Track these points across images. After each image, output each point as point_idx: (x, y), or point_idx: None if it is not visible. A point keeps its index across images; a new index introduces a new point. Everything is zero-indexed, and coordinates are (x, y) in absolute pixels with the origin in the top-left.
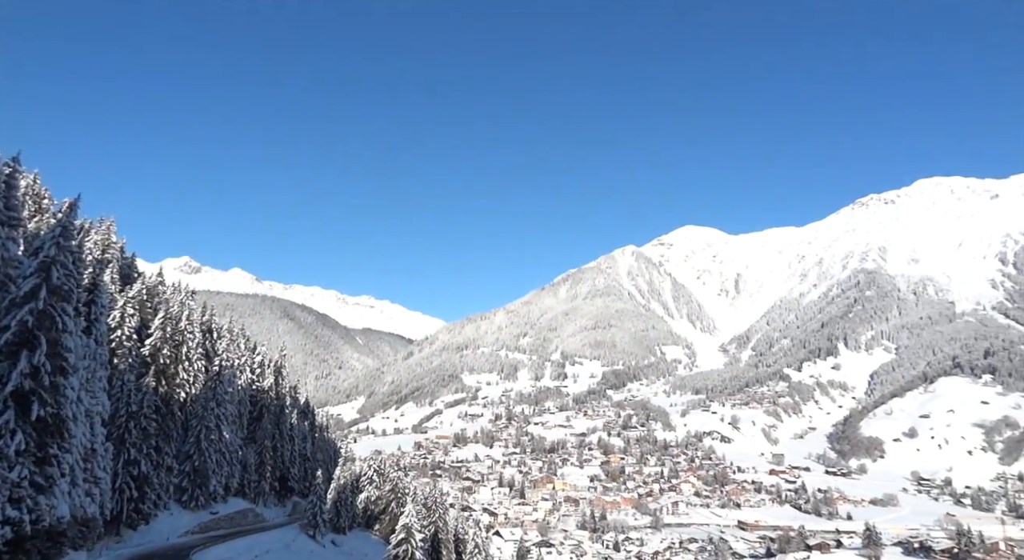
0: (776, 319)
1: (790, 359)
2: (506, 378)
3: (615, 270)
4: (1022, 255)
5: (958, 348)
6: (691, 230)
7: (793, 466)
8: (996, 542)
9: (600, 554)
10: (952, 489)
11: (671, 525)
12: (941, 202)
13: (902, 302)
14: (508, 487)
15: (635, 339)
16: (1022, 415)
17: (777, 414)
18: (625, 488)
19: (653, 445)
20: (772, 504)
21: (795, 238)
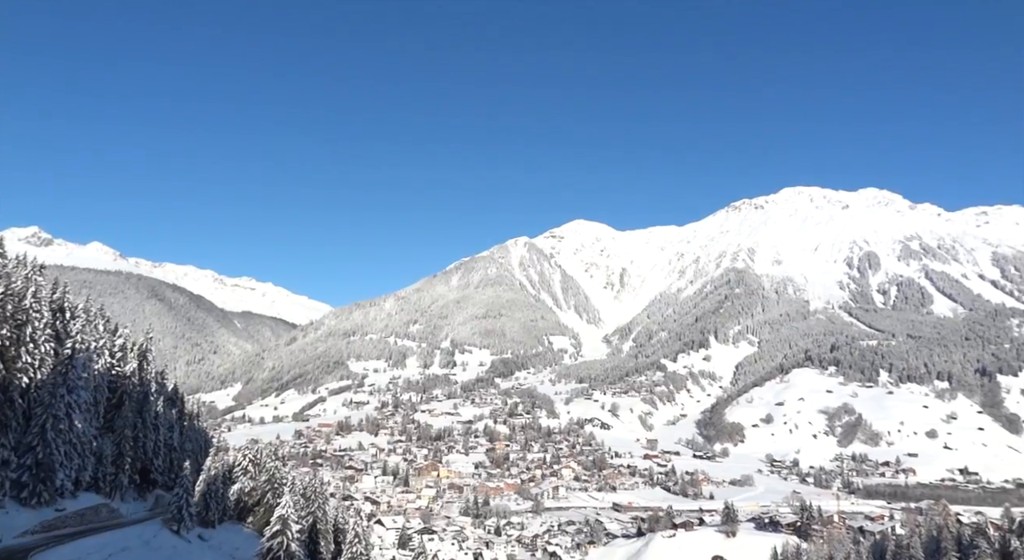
0: (656, 313)
1: (667, 350)
2: (394, 365)
3: (508, 260)
4: (864, 260)
5: (810, 342)
6: (582, 224)
7: (665, 451)
8: (831, 515)
9: (482, 539)
10: (799, 469)
11: (551, 509)
12: (802, 209)
13: (766, 300)
14: (392, 475)
15: (524, 329)
16: (858, 403)
17: (653, 402)
18: (509, 474)
19: (537, 432)
20: (645, 486)
21: (676, 237)
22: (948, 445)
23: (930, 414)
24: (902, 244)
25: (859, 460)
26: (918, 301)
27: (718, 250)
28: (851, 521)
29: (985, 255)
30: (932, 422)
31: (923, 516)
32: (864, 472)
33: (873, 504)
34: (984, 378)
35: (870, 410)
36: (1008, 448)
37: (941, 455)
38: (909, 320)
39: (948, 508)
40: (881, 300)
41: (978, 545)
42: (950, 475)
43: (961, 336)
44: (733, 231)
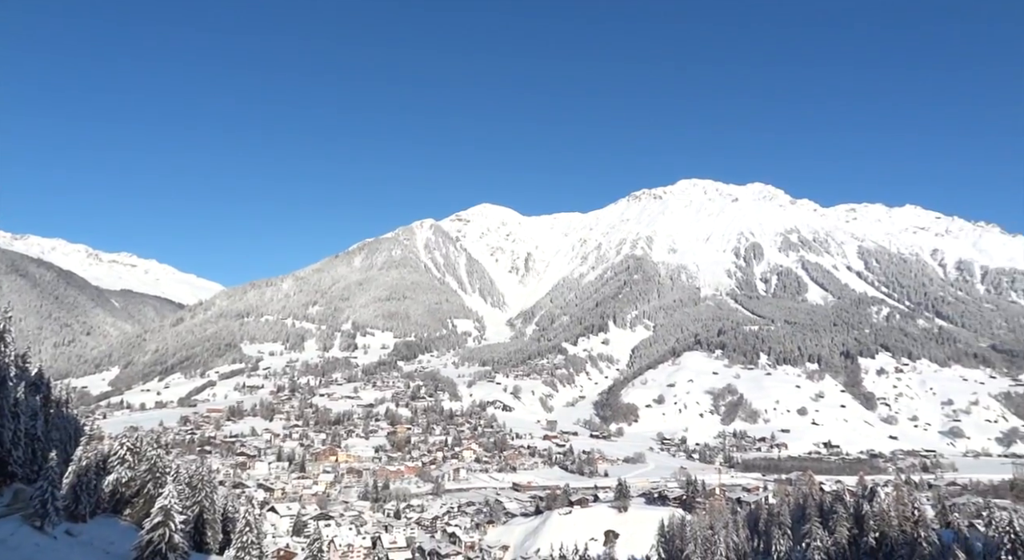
0: (559, 297)
1: (568, 334)
2: (292, 348)
3: (413, 242)
4: (750, 251)
5: (700, 327)
6: (488, 208)
7: (564, 431)
8: (714, 488)
9: (381, 523)
10: (686, 446)
11: (452, 490)
12: (696, 201)
13: (661, 286)
14: (288, 461)
15: (429, 311)
16: (740, 383)
17: (554, 384)
18: (410, 457)
19: (440, 415)
20: (544, 466)
21: (580, 223)
22: (815, 421)
23: (801, 393)
24: (783, 236)
25: (739, 436)
26: (795, 289)
27: (619, 237)
28: (731, 493)
29: (852, 248)
30: (803, 401)
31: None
32: (743, 447)
33: (750, 477)
34: (847, 360)
35: (750, 390)
36: (864, 423)
37: (809, 430)
38: (787, 307)
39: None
40: (763, 288)
41: (836, 510)
42: (816, 448)
43: (830, 322)
44: (633, 219)
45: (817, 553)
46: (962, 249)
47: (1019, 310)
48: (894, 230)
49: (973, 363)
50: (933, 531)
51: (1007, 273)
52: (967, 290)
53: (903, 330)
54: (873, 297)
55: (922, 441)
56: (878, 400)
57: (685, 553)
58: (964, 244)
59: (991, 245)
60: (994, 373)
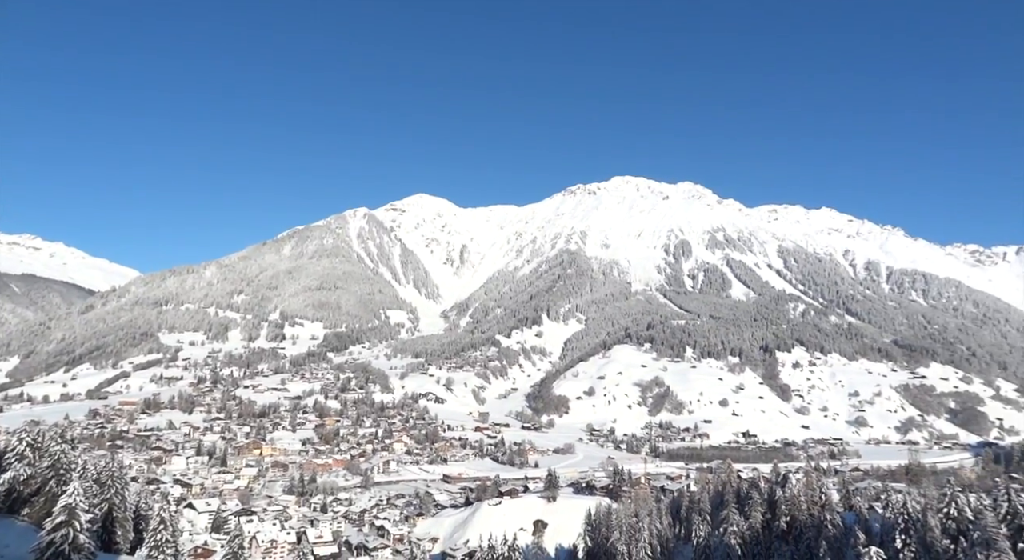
0: (493, 290)
1: (502, 326)
2: (215, 338)
3: (345, 231)
4: (679, 248)
5: (630, 321)
6: (424, 198)
7: (496, 423)
8: (639, 477)
9: (306, 517)
10: (615, 437)
11: (381, 483)
12: (629, 197)
13: (594, 280)
14: (208, 455)
15: (361, 302)
16: (667, 376)
17: (487, 376)
18: (339, 450)
19: (371, 407)
20: (475, 458)
21: (515, 216)
22: (736, 412)
23: (723, 385)
24: (710, 235)
25: (665, 427)
26: (720, 286)
27: (554, 232)
28: (655, 482)
29: (773, 248)
30: (724, 392)
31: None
32: (668, 438)
33: (674, 466)
34: (766, 354)
35: (677, 382)
36: (780, 413)
37: (730, 421)
38: (712, 302)
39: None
40: (691, 284)
41: (752, 496)
42: (736, 438)
43: (751, 317)
44: (568, 214)
45: (733, 537)
46: (870, 250)
47: (918, 308)
48: (811, 231)
49: (877, 357)
50: (838, 514)
51: (909, 274)
52: (874, 289)
53: (817, 326)
54: (791, 294)
55: (831, 430)
56: (793, 392)
57: (611, 541)
58: (872, 246)
59: (896, 247)
60: (895, 366)
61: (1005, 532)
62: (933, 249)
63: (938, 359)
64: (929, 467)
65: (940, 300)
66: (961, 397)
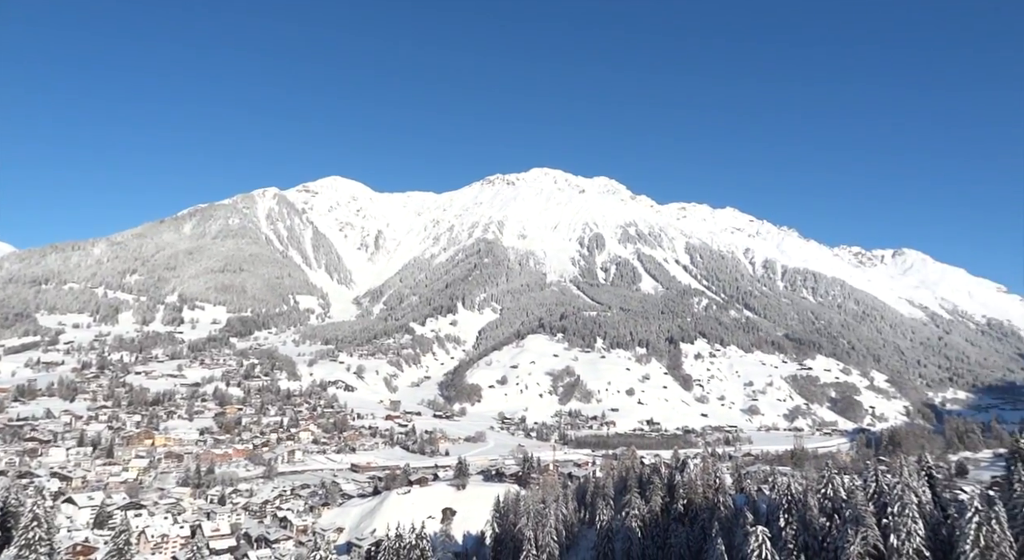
0: (409, 277)
1: (416, 314)
2: (103, 321)
3: (253, 211)
4: (593, 241)
5: (544, 312)
6: (338, 181)
7: (407, 411)
8: (548, 464)
9: (203, 510)
10: (525, 425)
11: (286, 473)
12: (547, 190)
13: (510, 270)
14: (92, 446)
15: (268, 286)
16: (578, 366)
17: (400, 364)
18: (240, 440)
19: (276, 395)
20: (385, 447)
21: (433, 203)
22: (641, 401)
23: (631, 375)
24: (623, 229)
25: (574, 416)
26: (631, 279)
27: (471, 220)
28: (563, 468)
29: (681, 244)
30: (632, 382)
31: (617, 460)
32: (577, 426)
33: (581, 453)
34: (671, 345)
35: (587, 372)
36: (682, 402)
37: (636, 409)
38: (622, 295)
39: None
40: (603, 277)
41: (653, 481)
42: (640, 426)
43: (659, 310)
44: (486, 203)
45: (635, 520)
46: (768, 250)
47: (808, 305)
48: (716, 229)
49: (771, 350)
50: (730, 496)
51: (801, 272)
52: (770, 286)
53: (718, 319)
54: (696, 289)
55: (727, 418)
56: (694, 382)
57: (518, 527)
58: (770, 245)
59: (790, 247)
60: (786, 358)
61: (872, 509)
62: (822, 250)
63: (823, 352)
64: (811, 451)
65: (827, 298)
66: (841, 387)
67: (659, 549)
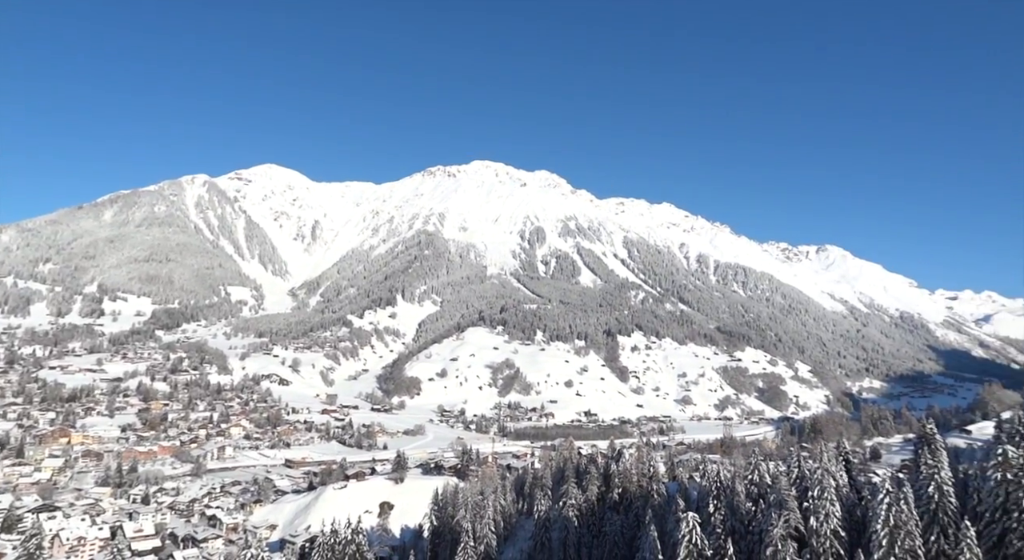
0: (347, 268)
1: (354, 307)
2: (12, 312)
3: (181, 199)
4: (534, 234)
5: (485, 304)
6: (273, 169)
7: (344, 405)
8: (487, 456)
9: (124, 510)
10: (465, 418)
11: (215, 470)
12: (488, 182)
13: (451, 263)
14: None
15: (198, 277)
16: (518, 358)
17: (337, 357)
18: (166, 436)
19: (205, 389)
20: (321, 441)
21: (373, 194)
22: (580, 393)
23: (570, 367)
24: (563, 223)
25: (514, 408)
26: (570, 272)
27: (412, 212)
28: (502, 460)
29: (619, 238)
30: (570, 374)
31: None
32: (517, 418)
33: (520, 444)
34: (609, 338)
35: (527, 364)
36: (619, 394)
37: (574, 401)
38: (562, 288)
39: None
40: (544, 270)
41: (590, 471)
42: (579, 417)
43: (597, 303)
44: (427, 195)
45: (571, 510)
46: (702, 245)
47: (738, 299)
48: (653, 224)
49: (703, 342)
50: (663, 484)
51: (732, 267)
52: (703, 280)
53: (654, 312)
54: (633, 282)
55: (662, 408)
56: (631, 373)
57: (456, 519)
58: (704, 240)
59: (723, 243)
60: (717, 350)
61: (794, 493)
62: (752, 246)
63: (752, 344)
64: (740, 440)
65: (756, 291)
66: (768, 377)
67: (594, 537)
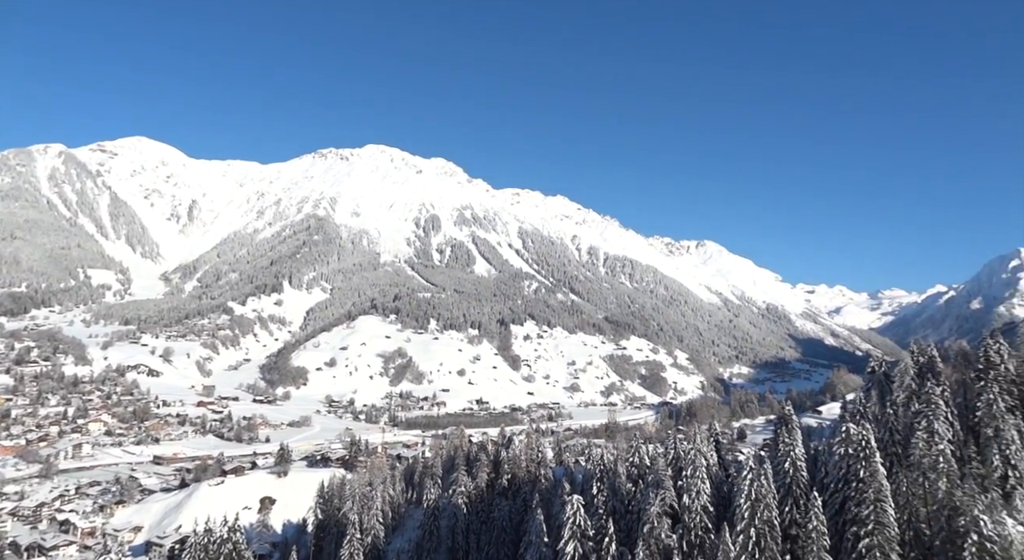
0: (228, 252)
1: (236, 293)
2: None
3: (31, 170)
4: (429, 222)
5: (377, 292)
6: (144, 142)
7: (223, 397)
8: (376, 446)
9: None
10: (354, 408)
11: (70, 471)
12: (383, 167)
13: (342, 249)
14: None
15: (51, 257)
16: (410, 347)
17: (215, 346)
18: (9, 435)
19: (59, 382)
20: (196, 436)
21: (258, 174)
22: (472, 381)
23: (462, 356)
24: (459, 212)
25: (405, 397)
26: (465, 261)
27: (301, 195)
28: (393, 450)
29: (514, 228)
30: (463, 363)
31: (446, 440)
32: (408, 407)
33: (412, 434)
34: (502, 327)
35: (419, 353)
36: (510, 382)
37: (466, 389)
38: (457, 277)
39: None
40: (438, 258)
41: (480, 458)
42: (470, 405)
43: (491, 292)
44: (318, 178)
45: (461, 497)
46: (593, 237)
47: (625, 290)
48: (547, 216)
49: (592, 331)
50: (550, 469)
51: (620, 260)
52: (593, 271)
53: (546, 302)
54: (527, 272)
55: (552, 395)
56: (523, 362)
57: (343, 511)
58: (594, 233)
59: (612, 236)
60: (604, 339)
61: (671, 473)
62: (639, 239)
63: (636, 333)
64: (623, 424)
65: (641, 283)
66: (650, 365)
67: (483, 523)
